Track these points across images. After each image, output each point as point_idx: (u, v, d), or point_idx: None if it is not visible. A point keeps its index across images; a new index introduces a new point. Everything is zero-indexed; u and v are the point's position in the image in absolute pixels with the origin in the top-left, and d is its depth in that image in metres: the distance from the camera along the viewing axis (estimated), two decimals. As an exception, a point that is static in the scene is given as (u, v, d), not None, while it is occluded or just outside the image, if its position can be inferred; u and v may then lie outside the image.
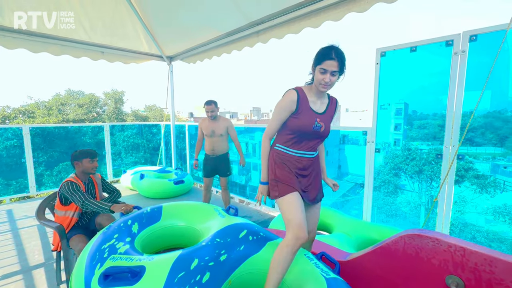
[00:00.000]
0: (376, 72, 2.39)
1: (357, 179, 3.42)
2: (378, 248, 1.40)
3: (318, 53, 1.25)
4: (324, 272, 1.25)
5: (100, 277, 1.16)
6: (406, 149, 3.13)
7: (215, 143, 3.01)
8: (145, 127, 6.11)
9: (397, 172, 3.23)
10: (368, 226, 2.16)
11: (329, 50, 1.21)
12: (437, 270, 1.20)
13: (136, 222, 1.62)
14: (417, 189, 3.06)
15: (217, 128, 2.99)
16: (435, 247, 1.20)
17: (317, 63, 1.24)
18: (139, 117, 23.10)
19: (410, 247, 1.28)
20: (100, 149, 4.99)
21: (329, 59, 1.20)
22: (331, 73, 1.21)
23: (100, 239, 1.41)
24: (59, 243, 1.81)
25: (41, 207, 1.90)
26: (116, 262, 1.22)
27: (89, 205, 1.76)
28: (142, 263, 1.19)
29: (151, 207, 1.80)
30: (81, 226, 1.94)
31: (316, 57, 1.25)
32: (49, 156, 4.67)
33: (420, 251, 1.25)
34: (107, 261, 1.24)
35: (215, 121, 3.00)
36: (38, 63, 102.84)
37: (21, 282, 1.98)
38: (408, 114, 2.91)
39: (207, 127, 3.00)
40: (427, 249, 1.23)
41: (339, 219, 2.35)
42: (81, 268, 1.27)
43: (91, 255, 1.32)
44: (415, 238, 1.27)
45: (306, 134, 1.33)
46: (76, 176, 1.91)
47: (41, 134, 4.49)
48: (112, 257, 1.26)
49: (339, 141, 3.92)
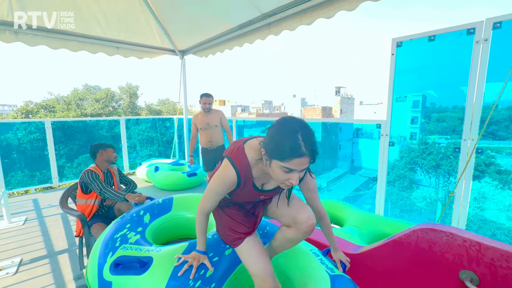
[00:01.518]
0: (392, 63, 2.33)
1: (370, 173, 3.37)
2: (390, 241, 1.39)
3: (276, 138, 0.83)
4: (329, 268, 1.23)
5: (111, 265, 1.23)
6: (423, 143, 3.04)
7: (212, 134, 3.12)
8: (159, 121, 6.26)
9: (413, 167, 3.16)
10: (381, 220, 2.13)
11: (296, 141, 0.80)
12: (450, 265, 1.18)
13: (148, 212, 1.68)
14: (434, 184, 2.98)
15: (211, 120, 3.11)
16: (449, 242, 1.18)
17: (277, 157, 0.83)
18: (153, 111, 23.58)
19: (423, 241, 1.26)
20: (117, 142, 5.18)
21: (298, 156, 0.81)
22: (300, 170, 0.85)
23: (114, 228, 1.48)
24: (81, 230, 1.93)
25: (64, 196, 2.02)
26: (127, 251, 1.29)
27: (106, 193, 1.86)
28: (150, 254, 1.24)
29: (163, 198, 1.85)
30: (101, 214, 2.05)
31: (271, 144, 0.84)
32: (69, 149, 4.90)
33: (434, 245, 1.23)
34: (118, 250, 1.31)
35: (209, 114, 3.10)
36: (57, 60, 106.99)
37: (48, 266, 2.13)
38: (425, 106, 2.82)
39: (202, 120, 3.10)
40: (441, 243, 1.21)
41: (351, 212, 2.33)
42: (96, 255, 1.35)
43: (105, 243, 1.39)
44: (428, 232, 1.25)
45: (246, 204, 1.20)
46: (96, 166, 2.02)
47: (61, 127, 4.71)
48: (123, 247, 1.33)
49: (353, 135, 3.87)
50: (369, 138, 3.27)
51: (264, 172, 1.01)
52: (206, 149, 3.18)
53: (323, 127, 3.82)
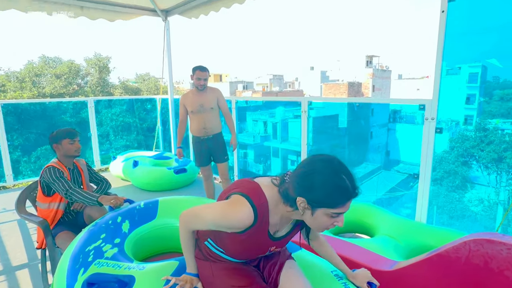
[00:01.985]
0: (441, 23, 2.27)
1: (411, 169, 3.36)
2: (434, 256, 1.41)
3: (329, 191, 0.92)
4: None
5: (83, 284, 1.27)
6: (481, 129, 3.00)
7: (206, 120, 3.07)
8: (137, 102, 6.31)
9: (467, 160, 3.13)
10: (423, 228, 2.15)
11: (344, 183, 0.92)
12: (510, 286, 1.20)
13: (127, 219, 1.71)
14: (494, 183, 2.96)
15: (206, 100, 3.04)
16: (511, 257, 1.19)
17: (327, 205, 0.93)
18: (130, 90, 23.70)
19: (476, 255, 1.28)
20: (84, 130, 5.25)
21: (349, 199, 0.93)
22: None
23: (85, 239, 1.52)
24: (44, 240, 1.99)
25: (20, 199, 2.08)
26: (102, 268, 1.32)
27: (74, 195, 1.89)
28: (131, 272, 1.27)
29: (145, 201, 1.89)
30: (68, 221, 2.11)
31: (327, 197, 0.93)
32: (25, 139, 5.00)
33: (491, 260, 1.24)
34: (91, 266, 1.35)
35: (203, 93, 3.04)
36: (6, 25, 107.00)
37: (5, 284, 2.22)
38: (486, 81, 2.76)
39: (194, 101, 3.04)
40: (500, 258, 1.22)
41: (384, 219, 2.36)
42: (63, 272, 1.39)
43: (74, 257, 1.43)
44: (484, 244, 1.26)
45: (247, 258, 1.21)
46: (58, 161, 2.05)
47: (14, 112, 4.79)
48: (97, 262, 1.37)
49: (389, 119, 3.83)
50: (410, 123, 3.23)
51: (282, 217, 1.06)
52: (198, 138, 3.15)
53: (349, 110, 3.80)
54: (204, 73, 2.95)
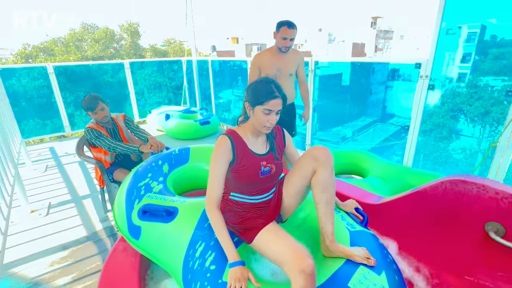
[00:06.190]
0: (445, -18, 2.04)
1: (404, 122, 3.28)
2: (415, 193, 1.45)
3: (255, 90, 1.15)
4: (349, 224, 1.30)
5: (139, 211, 1.41)
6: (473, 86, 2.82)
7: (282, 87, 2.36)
8: (165, 63, 6.19)
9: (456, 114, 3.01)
10: (407, 171, 2.17)
11: (269, 86, 1.14)
12: (477, 217, 1.24)
13: (166, 162, 1.80)
14: (478, 134, 2.87)
15: (286, 64, 2.25)
16: (480, 194, 1.22)
17: (256, 102, 1.14)
18: (158, 53, 23.10)
19: (450, 193, 1.30)
20: (124, 89, 5.29)
21: (272, 98, 1.12)
22: (276, 112, 1.15)
23: (136, 177, 1.63)
24: (101, 177, 2.15)
25: (79, 144, 2.20)
26: (152, 200, 1.45)
27: (117, 148, 1.97)
28: (175, 204, 1.39)
29: (179, 148, 1.96)
30: (120, 161, 2.24)
31: (253, 95, 1.15)
32: (75, 96, 5.10)
33: (462, 197, 1.27)
34: (144, 198, 1.47)
35: (283, 55, 2.23)
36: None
37: (75, 209, 2.48)
38: (483, 40, 2.52)
39: (271, 64, 2.23)
40: (470, 195, 1.25)
41: (375, 163, 2.38)
42: (122, 201, 1.53)
43: (129, 190, 1.55)
44: (458, 184, 1.28)
45: (255, 185, 1.23)
46: (96, 122, 2.06)
47: (64, 73, 4.82)
48: (148, 195, 1.49)
49: (387, 77, 3.64)
50: (408, 81, 3.07)
51: (250, 135, 1.23)
52: None
53: (352, 69, 3.62)
54: (292, 31, 2.09)
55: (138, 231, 1.38)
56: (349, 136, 3.96)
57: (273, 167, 1.23)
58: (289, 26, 2.07)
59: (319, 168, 1.15)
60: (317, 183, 1.16)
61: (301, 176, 1.20)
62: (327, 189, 1.16)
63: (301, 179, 1.21)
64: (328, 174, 1.15)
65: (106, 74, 5.53)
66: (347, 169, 2.58)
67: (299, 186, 1.23)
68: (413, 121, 2.51)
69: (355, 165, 2.52)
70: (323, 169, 1.14)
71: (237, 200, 1.25)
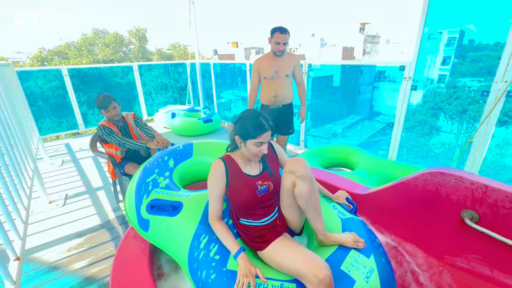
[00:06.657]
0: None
1: (389, 119, 3.29)
2: (398, 184, 1.46)
3: (245, 125, 1.10)
4: (340, 213, 1.32)
5: (147, 206, 1.42)
6: (452, 87, 2.84)
7: (279, 88, 2.29)
8: (171, 66, 6.14)
9: (436, 112, 3.03)
10: (392, 164, 2.19)
11: (258, 120, 1.10)
12: (454, 205, 1.25)
13: (172, 157, 1.80)
14: (456, 131, 2.90)
15: (283, 66, 2.25)
16: (457, 184, 1.23)
17: (248, 137, 1.10)
18: (164, 56, 22.88)
19: (430, 184, 1.32)
20: (133, 89, 5.25)
21: (264, 131, 1.09)
22: (268, 142, 1.14)
23: (144, 172, 1.63)
24: (113, 170, 2.15)
25: (92, 140, 2.19)
26: (159, 195, 1.45)
27: (126, 144, 1.96)
28: (180, 199, 1.40)
29: (183, 144, 1.96)
30: (130, 156, 2.24)
31: (244, 130, 1.10)
32: (88, 97, 5.07)
33: (440, 187, 1.29)
34: (151, 193, 1.48)
35: (279, 58, 2.24)
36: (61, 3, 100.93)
37: (89, 199, 2.48)
38: (461, 44, 2.53)
39: (269, 66, 2.25)
40: (448, 186, 1.26)
41: (363, 157, 2.39)
42: (131, 196, 1.53)
43: (138, 185, 1.55)
44: (437, 175, 1.29)
45: (257, 204, 1.16)
46: (108, 120, 2.05)
47: (77, 75, 4.78)
48: (155, 190, 1.49)
49: (374, 78, 3.64)
50: (393, 82, 3.08)
51: (244, 160, 1.20)
52: (267, 107, 2.39)
53: (342, 71, 3.61)
54: (285, 36, 2.11)
55: (147, 224, 1.39)
56: (339, 133, 3.97)
57: (270, 184, 1.18)
58: (281, 31, 2.11)
59: (297, 180, 1.10)
60: (300, 195, 1.11)
61: (286, 191, 1.16)
62: (310, 197, 1.11)
63: (287, 193, 1.16)
64: (306, 184, 1.09)
65: (116, 76, 5.49)
66: (337, 162, 2.60)
67: (288, 200, 1.18)
68: (397, 118, 2.52)
69: (345, 158, 2.53)
70: (301, 181, 1.09)
71: (247, 224, 1.20)
